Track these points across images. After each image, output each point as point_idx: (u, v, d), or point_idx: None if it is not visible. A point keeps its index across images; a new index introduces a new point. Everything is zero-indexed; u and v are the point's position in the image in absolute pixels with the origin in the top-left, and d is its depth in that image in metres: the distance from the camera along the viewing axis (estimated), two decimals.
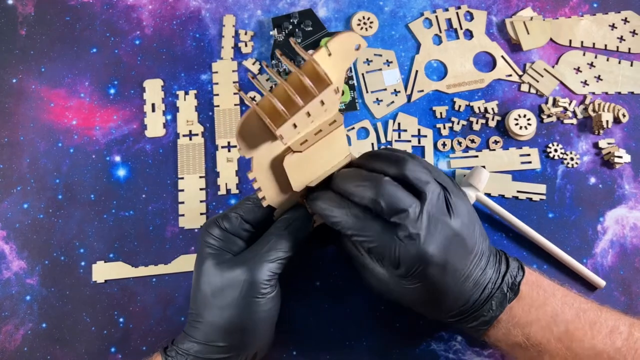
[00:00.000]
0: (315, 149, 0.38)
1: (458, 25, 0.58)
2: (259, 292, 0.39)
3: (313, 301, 0.50)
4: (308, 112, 0.35)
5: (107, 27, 0.58)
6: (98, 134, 0.55)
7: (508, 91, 0.56)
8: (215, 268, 0.39)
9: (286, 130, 0.35)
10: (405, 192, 0.37)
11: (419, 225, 0.36)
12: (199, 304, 0.40)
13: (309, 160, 0.39)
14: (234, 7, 0.58)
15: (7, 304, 0.50)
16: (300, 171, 0.39)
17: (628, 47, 0.57)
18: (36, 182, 0.53)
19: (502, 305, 0.39)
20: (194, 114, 0.55)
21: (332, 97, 0.35)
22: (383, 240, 0.37)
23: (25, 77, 0.56)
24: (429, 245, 0.36)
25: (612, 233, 0.52)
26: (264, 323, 0.40)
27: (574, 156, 0.54)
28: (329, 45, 0.34)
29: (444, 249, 0.37)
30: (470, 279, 0.38)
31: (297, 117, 0.35)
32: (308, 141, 0.37)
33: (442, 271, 0.37)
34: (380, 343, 0.49)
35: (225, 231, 0.41)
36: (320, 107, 0.35)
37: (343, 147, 0.40)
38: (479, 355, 0.49)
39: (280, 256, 0.40)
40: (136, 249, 0.52)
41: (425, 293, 0.38)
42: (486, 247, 0.39)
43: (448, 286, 0.38)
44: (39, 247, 0.52)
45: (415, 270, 0.37)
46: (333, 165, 0.41)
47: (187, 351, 0.40)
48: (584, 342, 0.39)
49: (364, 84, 0.56)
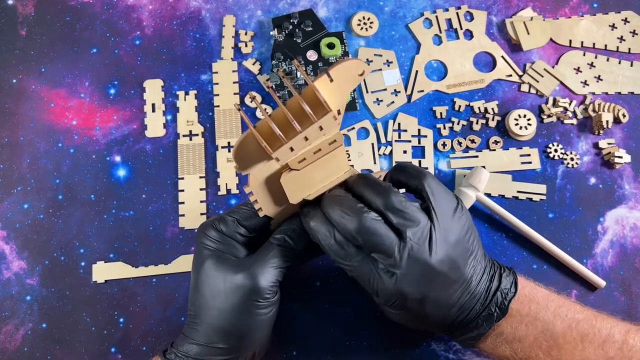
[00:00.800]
0: (314, 167, 0.38)
1: (458, 25, 0.58)
2: (262, 298, 0.39)
3: (313, 301, 0.50)
4: (305, 137, 0.35)
5: (107, 27, 0.58)
6: (98, 134, 0.55)
7: (508, 91, 0.56)
8: (216, 270, 0.40)
9: (282, 153, 0.35)
10: (387, 229, 0.37)
11: (397, 264, 0.36)
12: (198, 305, 0.40)
13: (306, 177, 0.39)
14: (234, 7, 0.58)
15: (7, 304, 0.50)
16: (297, 187, 0.39)
17: (628, 47, 0.57)
18: (36, 182, 0.53)
19: (489, 323, 0.39)
20: (194, 114, 0.55)
21: (331, 123, 0.35)
22: (363, 271, 0.38)
23: (25, 77, 0.56)
24: (405, 284, 0.37)
25: (612, 233, 0.52)
26: (264, 326, 0.41)
27: (574, 156, 0.54)
28: (331, 73, 0.34)
29: (421, 286, 0.37)
30: (454, 306, 0.38)
31: (294, 142, 0.35)
32: (306, 160, 0.37)
33: (420, 304, 0.37)
34: (380, 343, 0.49)
35: (221, 233, 0.41)
36: (318, 131, 0.35)
37: (342, 163, 0.40)
38: (479, 355, 0.49)
39: (282, 265, 0.40)
40: (136, 249, 0.52)
41: (407, 319, 0.39)
42: (478, 270, 0.39)
43: (430, 314, 0.38)
44: (39, 247, 0.52)
45: (394, 302, 0.38)
46: (332, 180, 0.41)
47: (186, 353, 0.40)
48: (575, 354, 0.39)
49: (364, 84, 0.56)
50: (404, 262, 0.36)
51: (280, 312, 0.48)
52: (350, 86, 0.36)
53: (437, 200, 0.38)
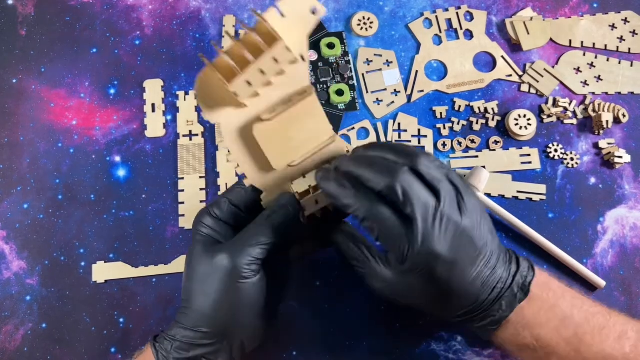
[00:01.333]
0: (289, 121, 0.38)
1: (458, 25, 0.58)
2: (239, 277, 0.39)
3: (313, 301, 0.50)
4: (261, 70, 0.35)
5: (107, 27, 0.58)
6: (98, 134, 0.55)
7: (508, 91, 0.56)
8: (202, 255, 0.40)
9: (239, 86, 0.35)
10: (423, 186, 0.36)
11: (431, 222, 0.36)
12: (188, 291, 0.40)
13: (284, 134, 0.39)
14: (234, 7, 0.58)
15: (7, 304, 0.50)
16: (276, 146, 0.39)
17: (628, 47, 0.57)
18: (36, 182, 0.53)
19: (512, 305, 0.38)
20: (194, 114, 0.55)
21: (286, 56, 0.35)
22: (393, 232, 0.36)
23: (25, 77, 0.56)
24: (438, 244, 0.36)
25: (612, 233, 0.52)
26: (247, 309, 0.40)
27: (574, 156, 0.54)
28: (280, 5, 0.35)
29: (453, 249, 0.36)
30: (478, 278, 0.37)
31: (249, 74, 0.35)
32: (277, 111, 0.37)
33: (449, 270, 0.36)
34: (380, 343, 0.49)
35: (216, 219, 0.41)
36: (273, 64, 0.35)
37: (323, 126, 0.40)
38: (479, 355, 0.49)
39: (262, 241, 0.39)
40: (136, 249, 0.52)
41: (431, 292, 0.38)
42: (496, 246, 0.39)
43: (455, 285, 0.37)
44: (39, 247, 0.52)
45: (422, 267, 0.36)
46: (315, 145, 0.40)
47: (173, 337, 0.40)
48: (593, 346, 0.38)
49: (364, 84, 0.56)
50: (438, 219, 0.36)
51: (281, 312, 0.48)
52: (305, 26, 0.36)
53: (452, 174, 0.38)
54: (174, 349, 0.39)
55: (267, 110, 0.38)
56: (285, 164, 0.40)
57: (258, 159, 0.40)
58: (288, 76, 0.37)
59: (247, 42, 0.35)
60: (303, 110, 0.38)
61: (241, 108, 0.37)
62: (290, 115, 0.38)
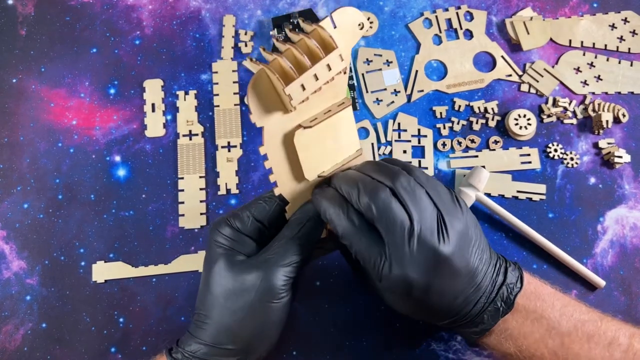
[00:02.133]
0: (325, 130, 0.38)
1: (458, 25, 0.58)
2: (275, 297, 0.39)
3: (313, 301, 0.50)
4: (315, 75, 0.36)
5: (107, 27, 0.58)
6: (98, 134, 0.55)
7: (508, 91, 0.56)
8: (227, 270, 0.39)
9: (294, 89, 0.36)
10: (400, 207, 0.36)
11: (404, 247, 0.35)
12: (208, 305, 0.39)
13: (320, 144, 0.39)
14: (234, 7, 0.58)
15: (7, 304, 0.50)
16: (311, 155, 0.39)
17: (628, 47, 0.57)
18: (36, 182, 0.53)
19: (495, 318, 0.38)
20: (194, 114, 0.55)
21: (339, 64, 0.36)
22: (370, 253, 0.37)
23: (25, 77, 0.56)
24: (411, 270, 0.36)
25: (612, 233, 0.52)
26: (275, 327, 0.40)
27: (574, 156, 0.54)
28: (334, 16, 0.36)
29: (428, 274, 0.36)
30: (459, 297, 0.37)
31: (304, 78, 0.36)
32: (317, 119, 0.38)
33: (425, 293, 0.37)
34: (380, 343, 0.49)
35: (237, 231, 0.41)
36: (327, 71, 0.36)
37: (353, 139, 0.41)
38: (479, 355, 0.49)
39: (295, 260, 0.39)
40: (136, 249, 0.52)
41: (411, 307, 0.38)
42: (485, 260, 0.38)
43: (434, 305, 0.37)
44: (39, 247, 0.52)
45: (396, 289, 0.37)
46: (344, 157, 0.41)
47: (193, 353, 0.39)
48: (581, 355, 0.38)
49: (364, 84, 0.56)
50: (412, 246, 0.35)
51: None
52: (352, 40, 0.37)
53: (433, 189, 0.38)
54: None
55: (309, 118, 0.38)
56: (317, 174, 0.40)
57: (292, 167, 0.40)
58: (331, 85, 0.37)
59: (302, 47, 0.36)
60: (339, 121, 0.39)
61: (287, 114, 0.37)
62: (327, 125, 0.38)
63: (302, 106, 0.37)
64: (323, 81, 0.36)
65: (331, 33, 0.36)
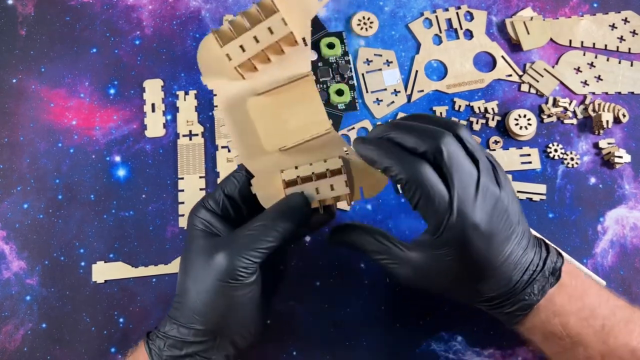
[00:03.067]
0: (285, 102, 0.39)
1: (458, 25, 0.58)
2: (234, 279, 0.38)
3: (313, 301, 0.50)
4: (255, 37, 0.38)
5: (107, 27, 0.58)
6: (98, 134, 0.55)
7: (508, 91, 0.56)
8: (198, 251, 0.39)
9: (232, 49, 0.38)
10: (465, 154, 0.36)
11: (472, 191, 0.35)
12: (182, 286, 0.40)
13: (278, 115, 0.39)
14: (234, 7, 0.58)
15: (7, 304, 0.50)
16: (269, 125, 0.39)
17: (628, 47, 0.57)
18: (36, 182, 0.53)
19: (544, 290, 0.38)
20: (194, 114, 0.55)
21: (282, 29, 0.38)
22: (435, 197, 0.35)
23: (25, 77, 0.56)
24: (478, 214, 0.35)
25: (612, 233, 0.52)
26: (242, 308, 0.40)
27: (574, 156, 0.54)
28: None
29: (491, 220, 0.35)
30: (511, 257, 0.37)
31: (243, 38, 0.38)
32: (273, 86, 0.39)
33: (485, 243, 0.35)
34: (380, 343, 0.49)
35: (211, 211, 0.41)
36: (268, 34, 0.38)
37: (320, 117, 0.40)
38: (479, 355, 0.49)
39: (264, 246, 0.38)
40: (136, 249, 0.52)
41: (463, 270, 0.37)
42: (526, 228, 0.38)
43: (489, 261, 0.36)
44: (39, 247, 0.52)
45: (459, 238, 0.35)
46: (312, 134, 0.40)
47: (166, 334, 0.40)
48: (619, 338, 0.38)
49: (364, 84, 0.56)
50: (479, 191, 0.35)
51: (281, 312, 0.48)
52: (308, 10, 0.38)
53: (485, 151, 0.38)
54: (166, 346, 0.39)
55: (261, 79, 0.39)
56: (277, 147, 0.40)
57: (251, 138, 0.40)
58: (289, 59, 0.39)
59: (249, 14, 0.38)
60: (300, 93, 0.39)
61: (239, 81, 0.39)
62: (286, 97, 0.39)
63: (255, 75, 0.39)
64: (264, 44, 0.38)
65: (282, 5, 0.38)
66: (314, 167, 0.40)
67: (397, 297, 0.50)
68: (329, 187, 0.40)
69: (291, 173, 0.41)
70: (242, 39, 0.38)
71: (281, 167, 0.41)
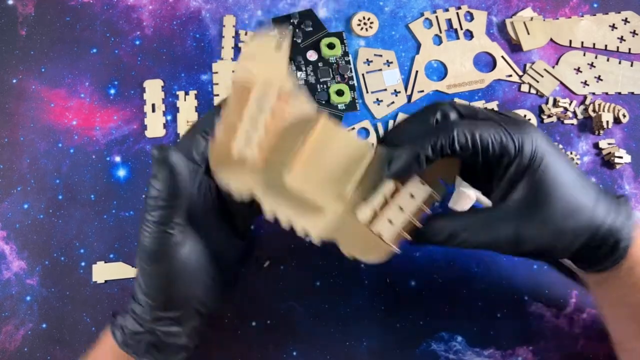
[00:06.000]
0: (316, 156, 0.36)
1: (458, 25, 0.58)
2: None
3: (313, 301, 0.50)
4: (252, 117, 0.36)
5: (107, 28, 0.58)
6: (98, 134, 0.55)
7: (508, 91, 0.56)
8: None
9: (241, 141, 0.36)
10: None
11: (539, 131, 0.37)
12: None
13: (319, 171, 0.37)
14: (234, 7, 0.58)
15: (7, 304, 0.50)
16: (318, 186, 0.37)
17: (628, 47, 0.57)
18: (36, 182, 0.53)
19: (628, 236, 0.37)
20: (194, 115, 0.55)
21: (270, 97, 0.35)
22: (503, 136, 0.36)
23: (25, 77, 0.56)
24: (548, 144, 0.37)
25: None
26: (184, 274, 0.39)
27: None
28: (245, 49, 0.36)
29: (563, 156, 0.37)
30: (591, 191, 0.37)
31: (245, 125, 0.36)
32: (295, 150, 0.37)
33: (568, 175, 0.37)
34: (380, 343, 0.49)
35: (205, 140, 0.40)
36: (258, 106, 0.36)
37: (355, 142, 0.37)
38: (479, 355, 0.49)
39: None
40: (136, 249, 0.51)
41: (545, 211, 0.36)
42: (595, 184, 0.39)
43: (570, 194, 0.36)
44: (39, 248, 0.52)
45: (538, 165, 0.36)
46: (363, 165, 0.37)
47: (125, 308, 0.40)
48: None
49: (364, 84, 0.56)
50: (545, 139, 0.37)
51: (281, 312, 0.48)
52: (278, 61, 0.36)
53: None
54: (128, 322, 0.39)
55: (290, 156, 0.36)
56: (338, 199, 0.37)
57: (308, 209, 0.37)
58: (290, 113, 0.36)
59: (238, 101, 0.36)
60: (323, 137, 0.37)
61: (261, 167, 0.37)
62: (313, 150, 0.36)
63: (273, 150, 0.37)
64: (262, 116, 0.36)
65: (248, 67, 0.35)
66: (380, 189, 0.37)
67: (397, 297, 0.50)
68: (408, 196, 0.37)
69: (365, 210, 0.37)
70: (244, 125, 0.35)
71: (351, 210, 0.38)
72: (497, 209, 0.38)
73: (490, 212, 0.38)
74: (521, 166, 0.36)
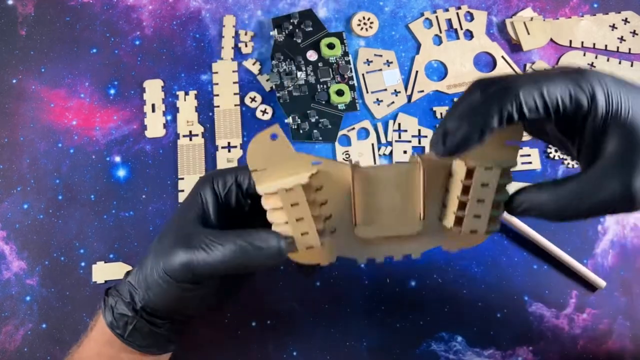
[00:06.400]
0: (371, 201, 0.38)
1: (458, 25, 0.58)
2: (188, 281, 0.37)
3: (313, 301, 0.50)
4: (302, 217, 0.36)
5: (107, 28, 0.58)
6: (98, 135, 0.55)
7: None
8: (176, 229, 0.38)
9: (304, 242, 0.37)
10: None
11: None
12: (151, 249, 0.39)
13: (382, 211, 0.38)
14: (234, 7, 0.58)
15: (7, 305, 0.50)
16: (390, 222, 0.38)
17: (628, 47, 0.57)
18: (36, 182, 0.53)
19: None
20: (194, 115, 0.55)
21: (300, 194, 0.35)
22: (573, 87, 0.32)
23: (25, 78, 0.56)
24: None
25: (612, 233, 0.52)
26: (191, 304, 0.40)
27: None
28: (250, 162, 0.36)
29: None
30: None
31: (298, 230, 0.37)
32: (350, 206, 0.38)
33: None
34: (380, 343, 0.49)
35: (215, 194, 0.40)
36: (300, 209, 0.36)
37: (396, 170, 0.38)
38: (479, 355, 0.49)
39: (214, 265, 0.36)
40: (136, 250, 0.52)
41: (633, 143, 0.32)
42: None
43: None
44: (39, 248, 0.52)
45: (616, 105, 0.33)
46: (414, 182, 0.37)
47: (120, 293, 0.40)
48: None
49: (364, 84, 0.56)
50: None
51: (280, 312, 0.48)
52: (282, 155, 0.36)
53: None
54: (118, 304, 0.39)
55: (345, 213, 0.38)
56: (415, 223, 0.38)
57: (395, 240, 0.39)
58: (328, 185, 0.37)
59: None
60: (364, 183, 0.37)
61: (331, 241, 0.38)
62: (364, 197, 0.37)
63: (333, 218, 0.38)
64: (306, 212, 0.36)
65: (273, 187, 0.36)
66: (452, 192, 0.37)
67: (397, 297, 0.50)
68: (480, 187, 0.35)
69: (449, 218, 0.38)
70: (298, 231, 0.37)
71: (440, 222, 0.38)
72: (596, 168, 0.33)
73: (591, 173, 0.33)
74: (599, 117, 0.32)
